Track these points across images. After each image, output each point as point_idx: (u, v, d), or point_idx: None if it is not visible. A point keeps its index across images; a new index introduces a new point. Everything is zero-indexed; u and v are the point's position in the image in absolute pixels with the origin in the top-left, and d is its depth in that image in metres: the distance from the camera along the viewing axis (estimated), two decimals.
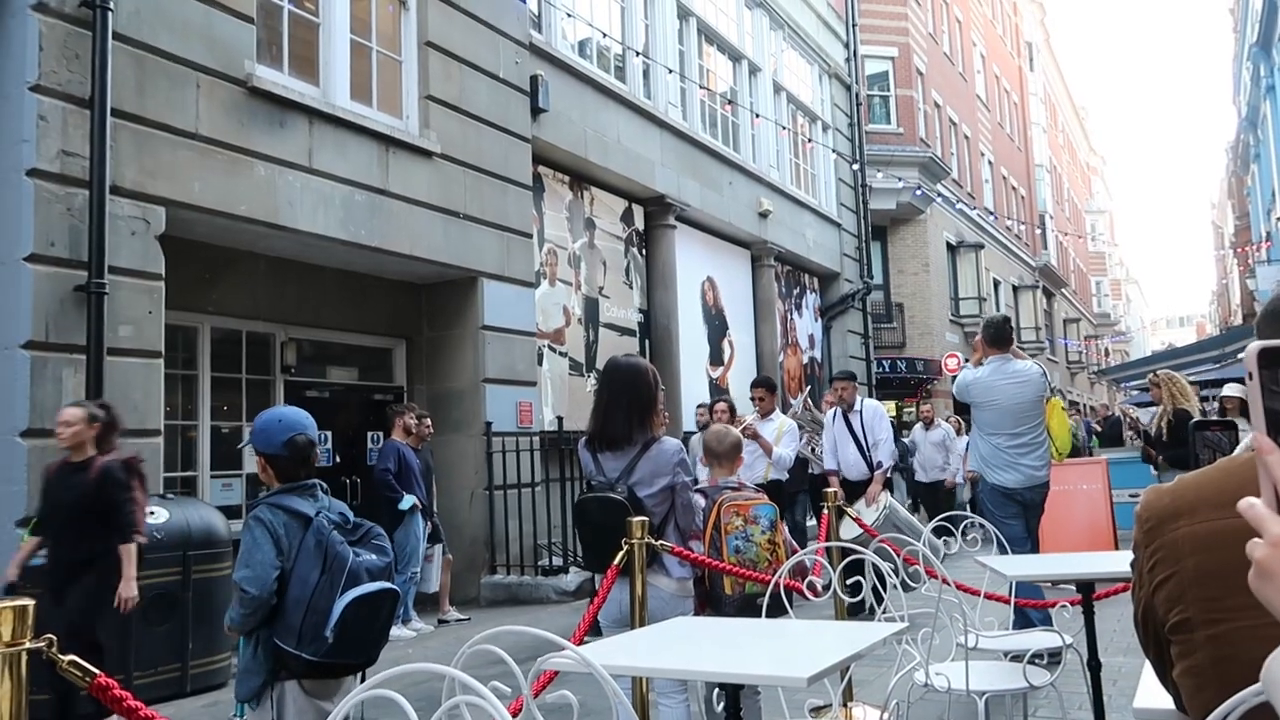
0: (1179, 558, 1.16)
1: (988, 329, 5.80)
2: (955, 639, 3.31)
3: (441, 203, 8.48)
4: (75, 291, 5.79)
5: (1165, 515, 1.20)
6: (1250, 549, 0.82)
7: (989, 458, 5.55)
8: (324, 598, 2.57)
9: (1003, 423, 5.52)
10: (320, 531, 2.68)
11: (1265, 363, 0.83)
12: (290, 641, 2.59)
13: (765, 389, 7.36)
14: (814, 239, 16.59)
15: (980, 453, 5.61)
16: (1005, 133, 31.12)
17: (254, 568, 2.61)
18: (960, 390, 5.82)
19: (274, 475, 2.87)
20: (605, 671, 1.40)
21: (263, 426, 2.88)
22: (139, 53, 6.26)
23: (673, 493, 3.28)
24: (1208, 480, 1.21)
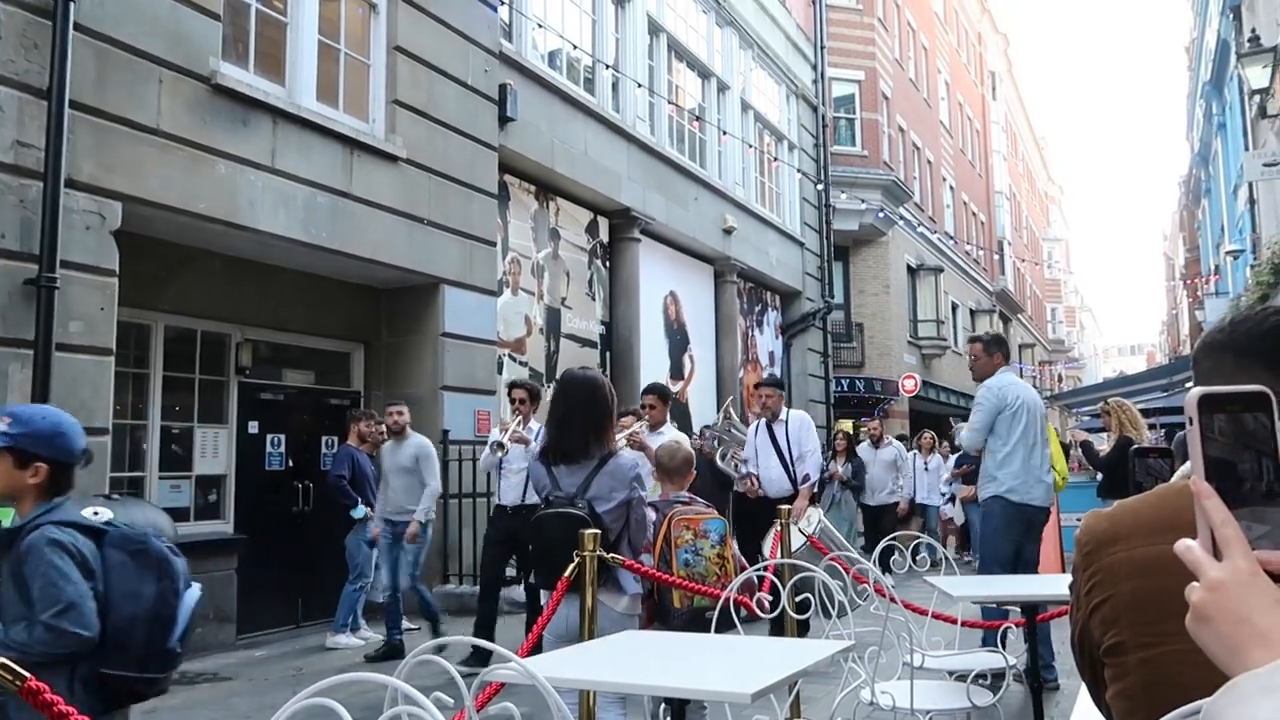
0: (1115, 582, 1.19)
1: (996, 341, 5.62)
2: (902, 658, 3.35)
3: (405, 208, 8.43)
4: (25, 285, 5.66)
5: (1103, 540, 1.24)
6: (1187, 593, 0.83)
7: (1020, 473, 5.13)
8: (167, 606, 2.30)
9: (1033, 433, 5.20)
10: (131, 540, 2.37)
11: (1205, 409, 0.84)
12: (132, 667, 2.26)
13: (657, 396, 6.59)
14: (777, 257, 16.73)
15: (1010, 468, 5.14)
16: (967, 159, 31.65)
17: (74, 602, 2.18)
18: (998, 397, 5.23)
19: (46, 486, 2.40)
20: (549, 684, 1.41)
21: (53, 428, 2.42)
22: (101, 45, 6.16)
23: (628, 508, 3.26)
24: (1145, 506, 1.25)
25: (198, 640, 6.87)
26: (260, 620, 7.65)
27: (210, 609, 7.10)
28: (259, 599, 7.56)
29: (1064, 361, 47.81)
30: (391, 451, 7.12)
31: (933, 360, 24.21)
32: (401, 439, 7.09)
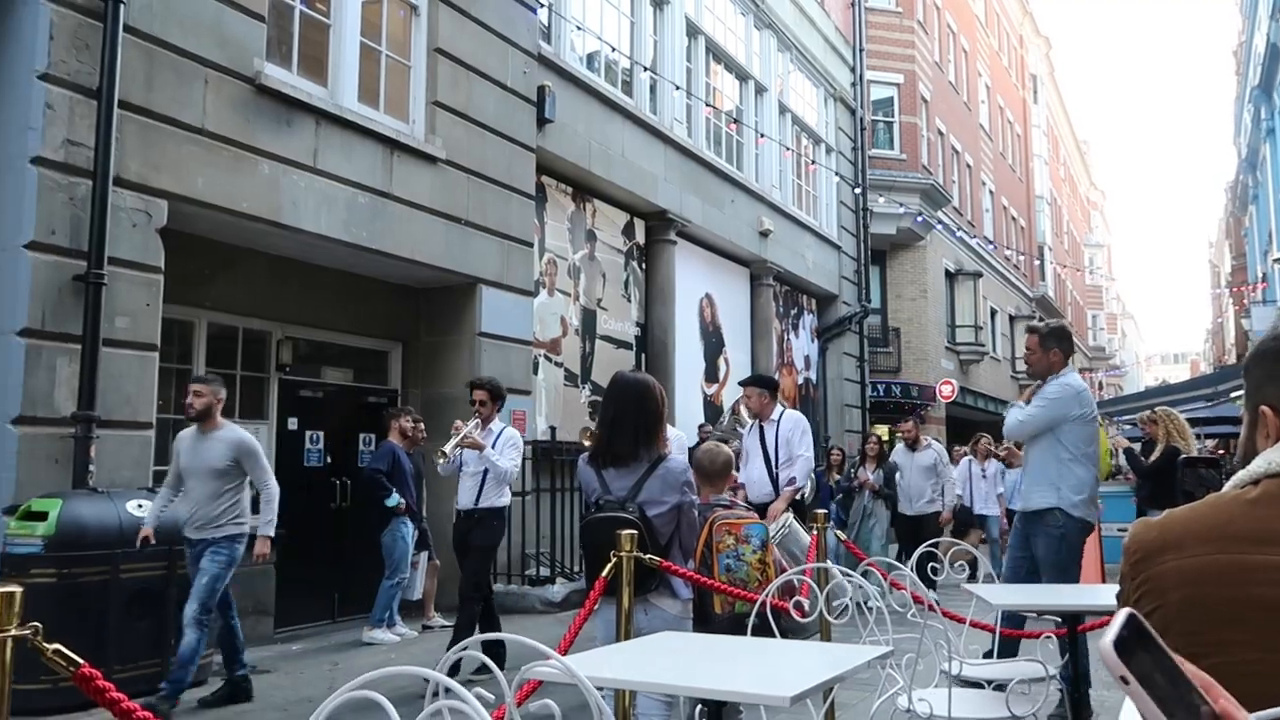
0: (1164, 591, 1.16)
1: (1055, 334, 4.89)
2: (939, 666, 3.31)
3: (444, 208, 8.49)
4: (74, 281, 5.78)
5: (1152, 549, 1.21)
6: None
7: (1083, 486, 4.60)
8: None
9: (1094, 438, 4.77)
10: None
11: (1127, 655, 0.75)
12: None
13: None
14: (813, 260, 16.64)
15: (1073, 480, 4.59)
16: (1007, 163, 31.28)
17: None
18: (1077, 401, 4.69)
19: None
20: (590, 683, 1.40)
21: None
22: (149, 46, 6.28)
23: (679, 512, 3.20)
24: (1195, 516, 1.22)
25: None
26: (297, 614, 7.74)
27: (249, 602, 7.19)
28: (296, 593, 7.65)
29: (1105, 369, 47.07)
30: (192, 446, 5.31)
31: (971, 366, 23.95)
32: (208, 428, 5.31)
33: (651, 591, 3.06)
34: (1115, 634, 0.77)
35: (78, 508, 5.17)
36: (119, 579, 5.19)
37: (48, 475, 5.57)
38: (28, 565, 4.92)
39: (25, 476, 5.49)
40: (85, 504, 5.24)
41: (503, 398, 6.18)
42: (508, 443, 6.00)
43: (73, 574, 5.02)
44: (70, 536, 5.04)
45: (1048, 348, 4.83)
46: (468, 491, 5.92)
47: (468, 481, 5.93)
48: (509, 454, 5.96)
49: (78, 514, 5.13)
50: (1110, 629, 0.78)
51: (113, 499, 5.38)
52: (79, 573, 5.05)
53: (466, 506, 5.91)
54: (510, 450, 5.98)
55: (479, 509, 5.87)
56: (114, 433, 5.94)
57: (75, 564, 5.04)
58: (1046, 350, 4.83)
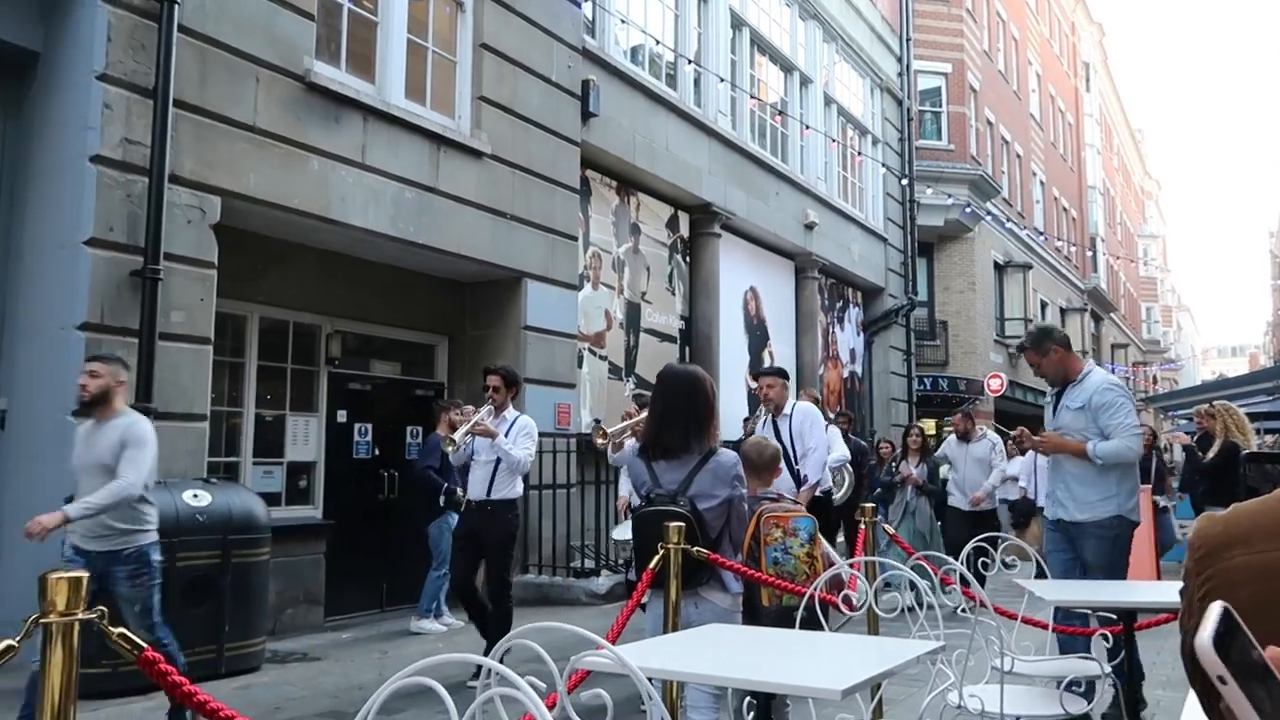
0: (1232, 587, 1.13)
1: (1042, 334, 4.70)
2: (990, 662, 3.26)
3: (489, 203, 8.55)
4: (131, 276, 5.92)
5: (1218, 543, 1.18)
6: None
7: (1133, 489, 4.49)
8: None
9: None
10: None
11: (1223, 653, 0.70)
12: None
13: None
14: (859, 253, 16.48)
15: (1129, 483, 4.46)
16: (1058, 153, 30.68)
17: None
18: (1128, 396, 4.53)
19: None
20: (640, 673, 1.40)
21: None
22: (202, 45, 6.40)
23: (729, 505, 3.19)
24: (1264, 510, 1.18)
25: (288, 621, 7.11)
26: (347, 603, 7.86)
27: (300, 591, 7.33)
28: (346, 583, 7.77)
29: (1160, 363, 46.03)
30: (86, 438, 4.30)
31: (1020, 360, 23.55)
32: (105, 415, 4.26)
33: (702, 585, 3.05)
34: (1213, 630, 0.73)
35: None
36: (176, 566, 5.31)
37: None
38: None
39: None
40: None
41: (518, 385, 5.95)
42: (521, 431, 5.74)
43: None
44: None
45: (1044, 351, 4.59)
46: (479, 482, 5.67)
47: (479, 471, 5.69)
48: (522, 443, 5.70)
49: None
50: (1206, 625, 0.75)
51: (169, 489, 5.50)
52: None
53: (478, 497, 5.66)
54: (524, 439, 5.73)
55: (492, 500, 5.62)
56: (170, 424, 6.07)
57: None
58: (1045, 354, 4.59)
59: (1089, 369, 4.59)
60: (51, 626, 1.56)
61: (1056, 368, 4.57)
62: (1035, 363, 4.65)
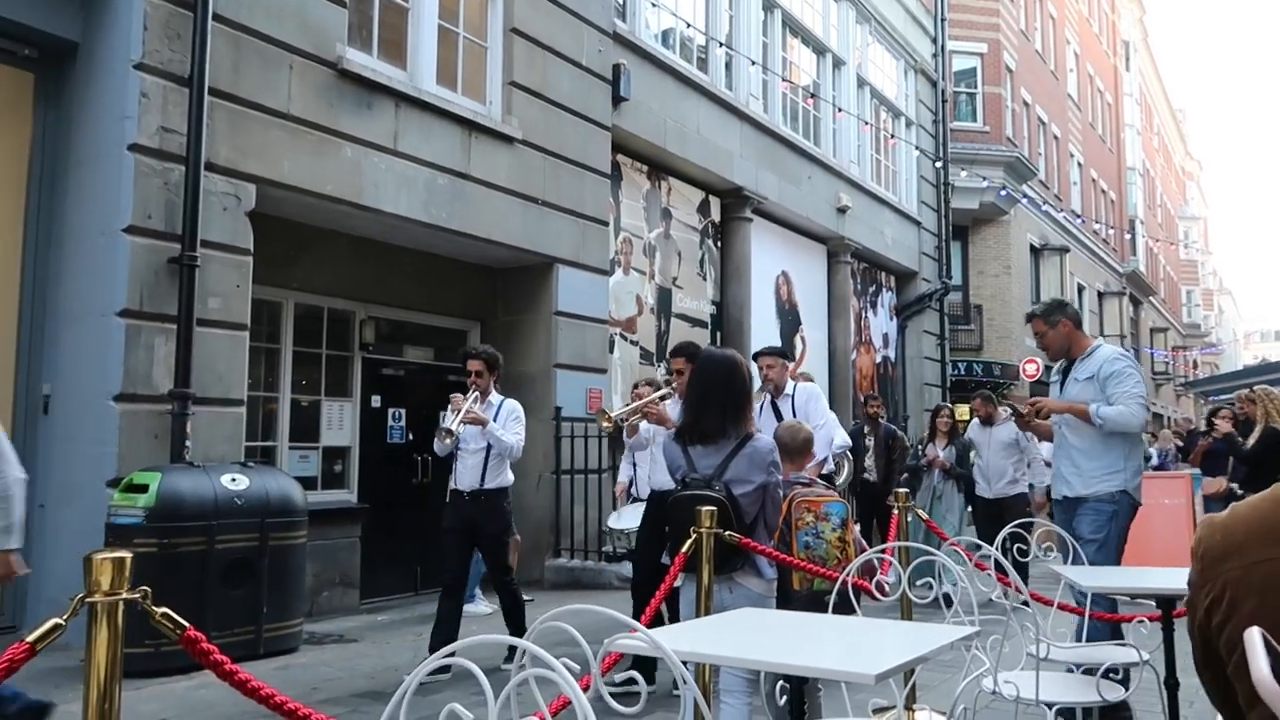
0: (1234, 603, 1.09)
1: (1055, 307, 4.61)
2: (1025, 648, 3.23)
3: (520, 188, 8.56)
4: (169, 263, 6.01)
5: (1216, 553, 1.14)
6: None
7: (1139, 465, 4.44)
8: None
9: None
10: None
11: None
12: None
13: (686, 360, 5.09)
14: (892, 237, 16.32)
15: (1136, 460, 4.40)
16: (1096, 134, 30.14)
17: None
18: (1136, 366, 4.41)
19: None
20: (675, 656, 1.40)
21: None
22: (236, 33, 6.45)
23: (764, 491, 3.18)
24: (1257, 513, 1.14)
25: (325, 603, 7.21)
26: (382, 586, 7.95)
27: (335, 574, 7.43)
28: (380, 566, 7.86)
29: (1200, 347, 45.23)
30: None
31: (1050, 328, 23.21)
32: None
33: (737, 570, 3.05)
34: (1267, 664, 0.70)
35: (176, 481, 5.39)
36: (215, 549, 5.41)
37: (147, 450, 5.82)
38: (131, 535, 5.15)
39: (127, 451, 5.75)
40: (183, 477, 5.46)
41: (499, 367, 5.69)
42: (510, 415, 5.51)
43: (172, 544, 5.24)
44: (169, 508, 5.26)
45: (1054, 322, 4.48)
46: (470, 471, 5.42)
47: (469, 460, 5.43)
48: (512, 427, 5.47)
49: (176, 487, 5.35)
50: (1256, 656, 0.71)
51: (208, 473, 5.59)
52: (178, 542, 5.27)
53: (470, 487, 5.40)
54: (514, 423, 5.50)
55: (486, 490, 5.39)
56: (208, 409, 6.17)
57: (174, 534, 5.26)
58: (1053, 325, 4.49)
59: (1098, 344, 4.52)
60: (97, 606, 1.59)
61: (1061, 342, 4.50)
62: (1041, 332, 4.56)
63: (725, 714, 3.06)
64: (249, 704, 2.35)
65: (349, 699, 4.81)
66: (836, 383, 14.93)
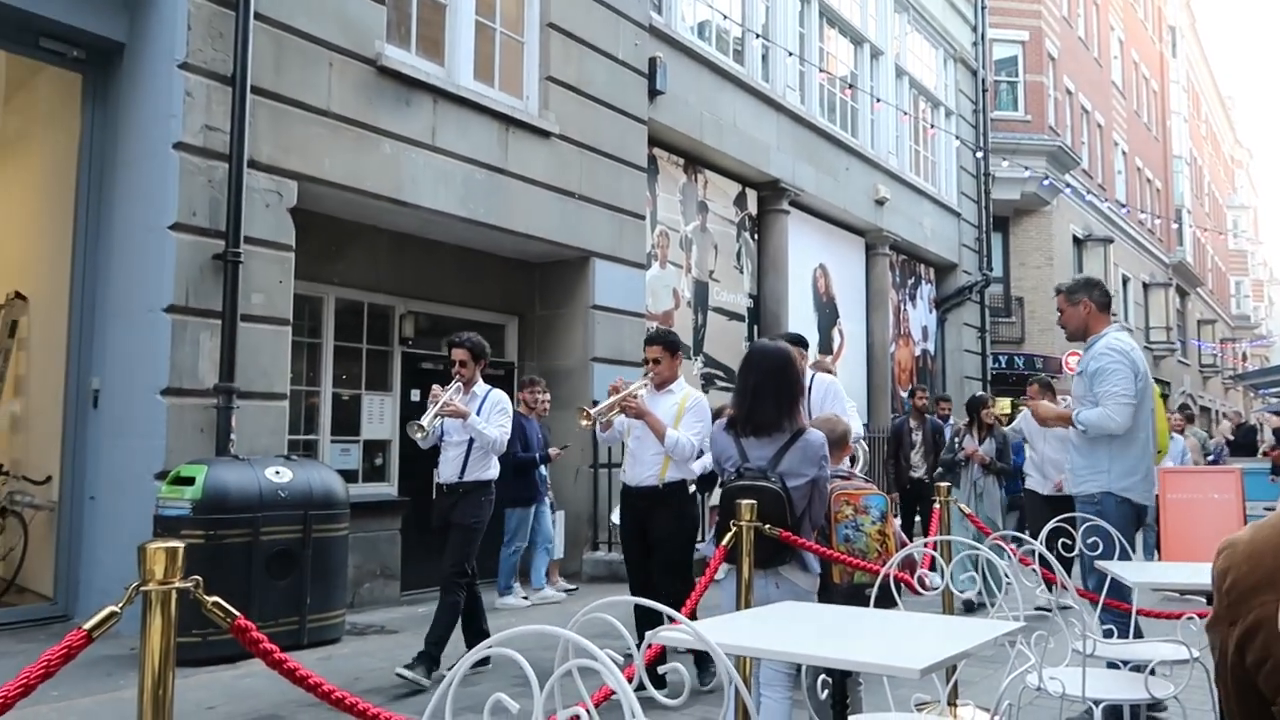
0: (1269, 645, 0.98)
1: (1085, 285, 4.39)
2: (1070, 644, 3.19)
3: (557, 182, 8.59)
4: (213, 259, 6.10)
5: (1245, 586, 1.00)
6: None
7: (1138, 465, 4.16)
8: None
9: (1148, 413, 4.20)
10: None
11: None
12: None
13: (663, 347, 4.96)
14: (932, 228, 16.14)
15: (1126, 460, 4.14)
16: (1142, 122, 29.56)
17: None
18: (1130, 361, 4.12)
19: None
20: (719, 648, 1.40)
21: None
22: (277, 32, 6.53)
23: (813, 486, 3.16)
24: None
25: (366, 594, 7.30)
26: (421, 578, 8.01)
27: (377, 565, 7.51)
28: (420, 558, 7.92)
29: (1249, 339, 44.24)
30: None
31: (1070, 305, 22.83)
32: None
33: (784, 565, 3.03)
34: None
35: (222, 473, 5.48)
36: (259, 540, 5.49)
37: (194, 443, 5.93)
38: (178, 527, 5.25)
39: (174, 444, 5.86)
40: (228, 470, 5.55)
41: (486, 357, 5.43)
42: (495, 408, 5.28)
43: (218, 535, 5.33)
44: (215, 500, 5.35)
45: (1075, 300, 4.30)
46: (451, 464, 5.25)
47: (450, 453, 5.26)
48: (497, 420, 5.25)
49: (222, 479, 5.44)
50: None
51: (252, 465, 5.68)
52: (224, 534, 5.36)
53: (450, 480, 5.24)
54: (498, 416, 5.28)
55: (464, 483, 5.20)
56: (252, 403, 6.27)
57: (220, 526, 5.35)
58: (1075, 304, 4.30)
59: (1104, 333, 4.27)
60: (151, 594, 1.62)
61: (1079, 323, 4.33)
62: (1061, 310, 4.41)
63: (766, 708, 3.05)
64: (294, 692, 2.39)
65: (391, 689, 4.86)
66: (875, 376, 14.80)
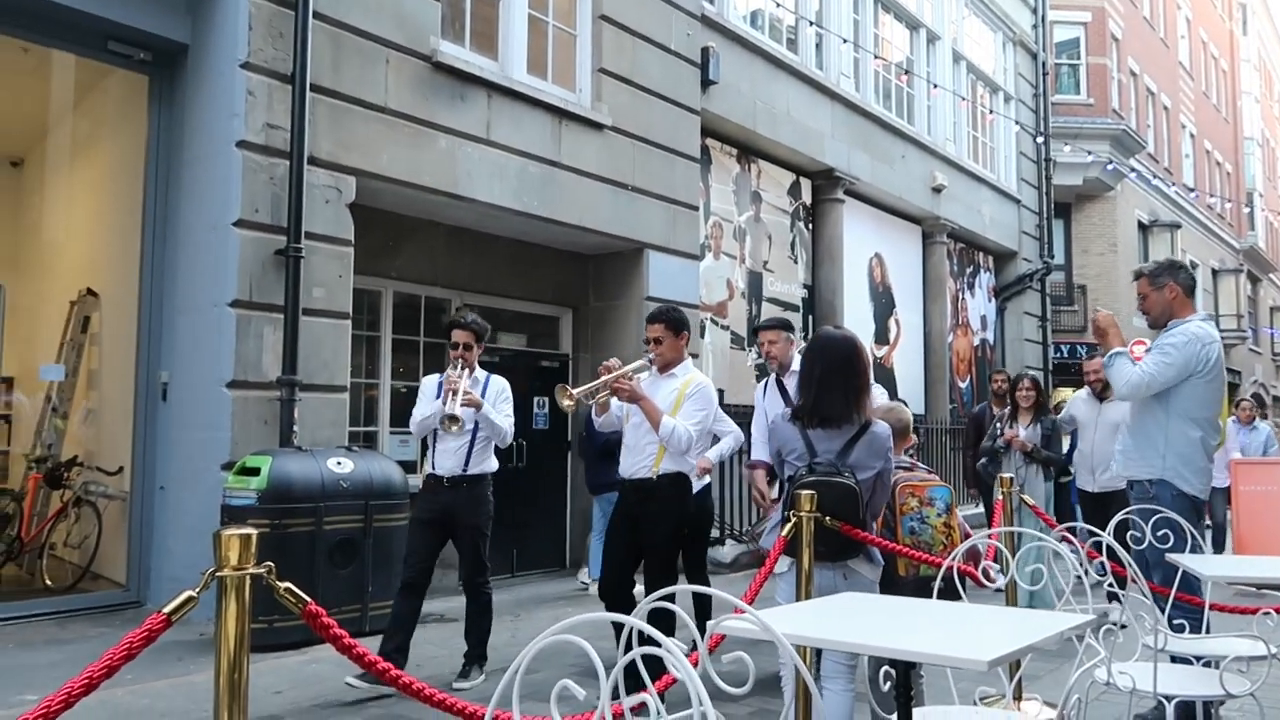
0: None
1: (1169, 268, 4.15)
2: (1141, 639, 3.11)
3: (611, 174, 8.60)
4: (275, 255, 6.23)
5: None
6: None
7: (1188, 455, 3.93)
8: None
9: (1216, 401, 4.02)
10: None
11: None
12: None
13: (665, 326, 4.46)
14: (990, 216, 15.84)
15: (1182, 448, 3.93)
16: (1211, 103, 28.63)
17: None
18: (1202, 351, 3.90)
19: None
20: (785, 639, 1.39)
21: None
22: (335, 30, 6.63)
23: (877, 478, 3.10)
24: None
25: None
26: None
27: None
28: None
29: None
30: None
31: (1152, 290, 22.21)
32: None
33: (853, 558, 2.99)
34: None
35: (286, 464, 5.60)
36: (322, 529, 5.60)
37: (258, 434, 6.07)
38: (245, 516, 5.37)
39: (239, 435, 6.01)
40: (292, 461, 5.67)
41: (486, 339, 5.14)
42: (500, 395, 4.98)
43: (283, 524, 5.45)
44: (280, 490, 5.47)
45: (1160, 284, 4.06)
46: (452, 455, 4.86)
47: (452, 443, 4.85)
48: (503, 408, 4.96)
49: (286, 470, 5.56)
50: None
51: (315, 456, 5.79)
52: (289, 523, 5.48)
53: (452, 473, 4.85)
54: (504, 404, 4.98)
55: (468, 476, 4.86)
56: (314, 395, 6.39)
57: (285, 515, 5.47)
58: (1160, 288, 4.06)
59: (1188, 319, 4.03)
60: (226, 580, 1.66)
61: (1163, 308, 4.10)
62: (1144, 294, 4.17)
63: (827, 700, 3.03)
64: None
65: (451, 676, 4.93)
66: (932, 366, 14.59)
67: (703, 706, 1.17)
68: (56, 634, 5.70)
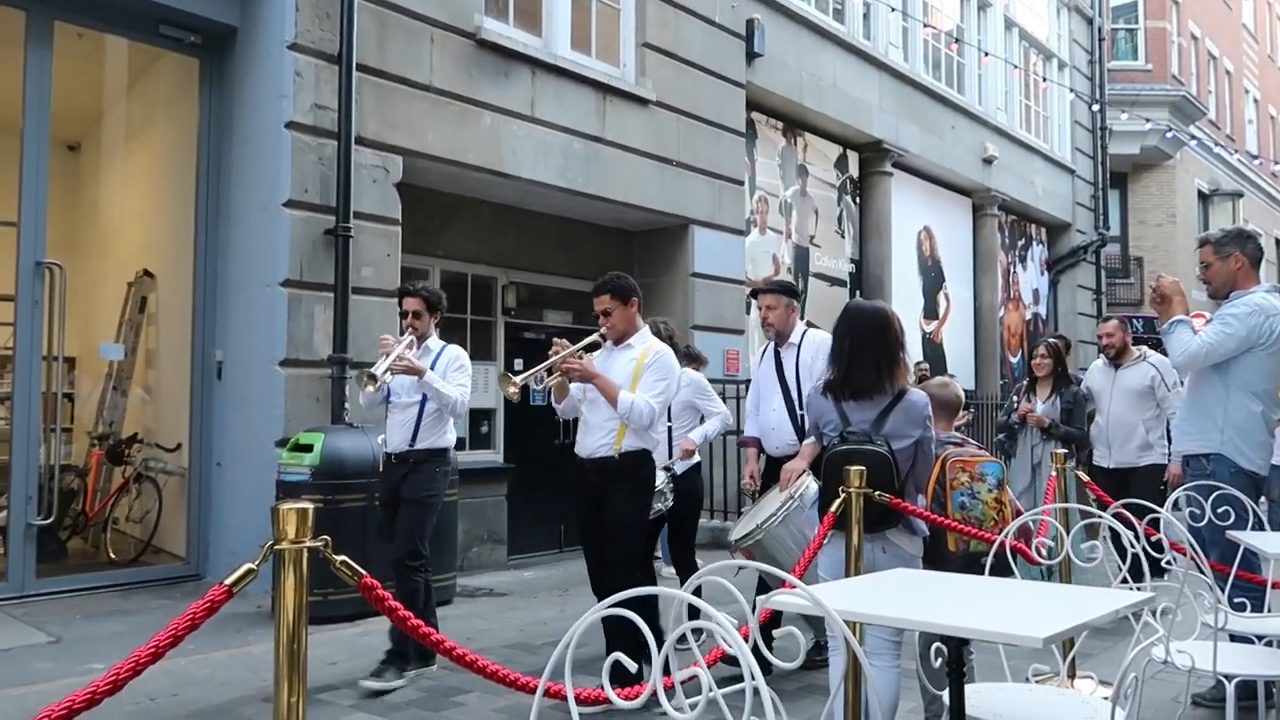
0: None
1: (1237, 237, 4.01)
2: (1200, 618, 3.05)
3: (655, 150, 8.55)
4: (325, 235, 6.31)
5: None
6: None
7: (1248, 430, 3.83)
8: None
9: (1278, 374, 3.89)
10: None
11: None
12: None
13: (611, 295, 4.40)
14: (1043, 187, 15.50)
15: (1240, 421, 3.82)
16: (1276, 66, 27.64)
17: None
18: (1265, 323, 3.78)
19: None
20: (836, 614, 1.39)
21: None
22: (380, 10, 6.65)
23: (917, 447, 3.08)
24: None
25: (475, 558, 7.50)
26: (528, 543, 8.21)
27: (484, 530, 7.71)
28: (526, 524, 8.11)
29: None
30: None
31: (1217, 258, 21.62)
32: None
33: (890, 529, 2.98)
34: None
35: (337, 441, 5.69)
36: (374, 505, 5.69)
37: (310, 412, 6.17)
38: (299, 491, 5.48)
39: (292, 412, 6.12)
40: (343, 438, 5.76)
41: (441, 309, 4.83)
42: (453, 365, 4.68)
43: (336, 500, 5.55)
44: (333, 467, 5.56)
45: (1225, 254, 3.93)
46: (399, 429, 4.61)
47: (398, 416, 4.62)
48: (455, 378, 4.65)
49: (338, 447, 5.65)
50: None
51: (365, 433, 5.87)
52: (341, 499, 5.58)
53: (399, 449, 4.59)
54: (457, 374, 4.67)
55: (415, 450, 4.56)
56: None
57: (338, 491, 5.56)
58: (1225, 257, 3.93)
59: (1251, 290, 3.91)
60: (284, 553, 1.70)
61: (1227, 278, 3.97)
62: (1207, 263, 4.01)
63: (874, 676, 3.02)
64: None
65: (501, 649, 5.00)
66: (982, 341, 14.38)
67: (754, 680, 1.18)
68: (120, 605, 5.89)
